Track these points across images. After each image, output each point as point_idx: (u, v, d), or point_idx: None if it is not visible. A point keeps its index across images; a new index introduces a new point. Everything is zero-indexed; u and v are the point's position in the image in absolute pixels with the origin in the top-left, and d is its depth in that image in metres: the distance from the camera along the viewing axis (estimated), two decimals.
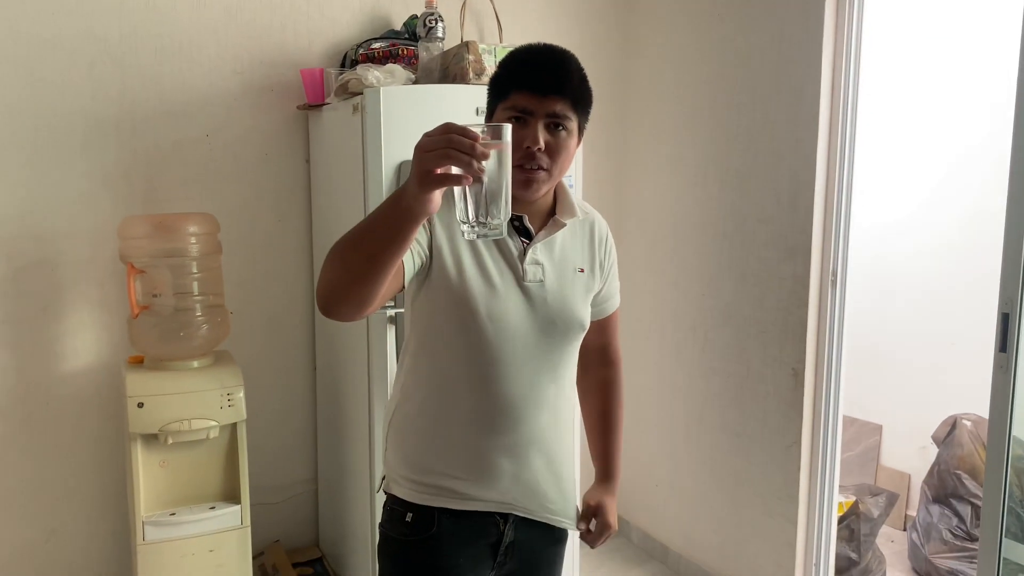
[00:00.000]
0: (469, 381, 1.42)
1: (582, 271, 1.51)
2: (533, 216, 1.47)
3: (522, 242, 1.44)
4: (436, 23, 2.59)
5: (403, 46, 2.63)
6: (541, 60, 1.39)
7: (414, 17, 2.71)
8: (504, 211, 1.10)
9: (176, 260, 2.41)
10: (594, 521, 1.66)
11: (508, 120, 1.35)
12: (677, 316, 3.20)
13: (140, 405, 2.26)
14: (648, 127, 3.32)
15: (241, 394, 2.38)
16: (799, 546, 2.75)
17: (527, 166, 1.36)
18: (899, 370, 3.78)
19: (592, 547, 1.68)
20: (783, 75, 2.67)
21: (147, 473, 2.33)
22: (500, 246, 1.42)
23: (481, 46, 2.39)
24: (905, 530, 3.60)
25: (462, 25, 2.94)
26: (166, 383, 2.33)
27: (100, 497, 2.68)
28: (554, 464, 1.52)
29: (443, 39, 2.61)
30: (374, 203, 2.30)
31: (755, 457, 2.87)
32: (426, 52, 2.55)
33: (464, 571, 1.48)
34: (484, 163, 1.03)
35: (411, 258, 1.33)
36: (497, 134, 1.06)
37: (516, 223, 1.44)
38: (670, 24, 3.17)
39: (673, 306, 3.22)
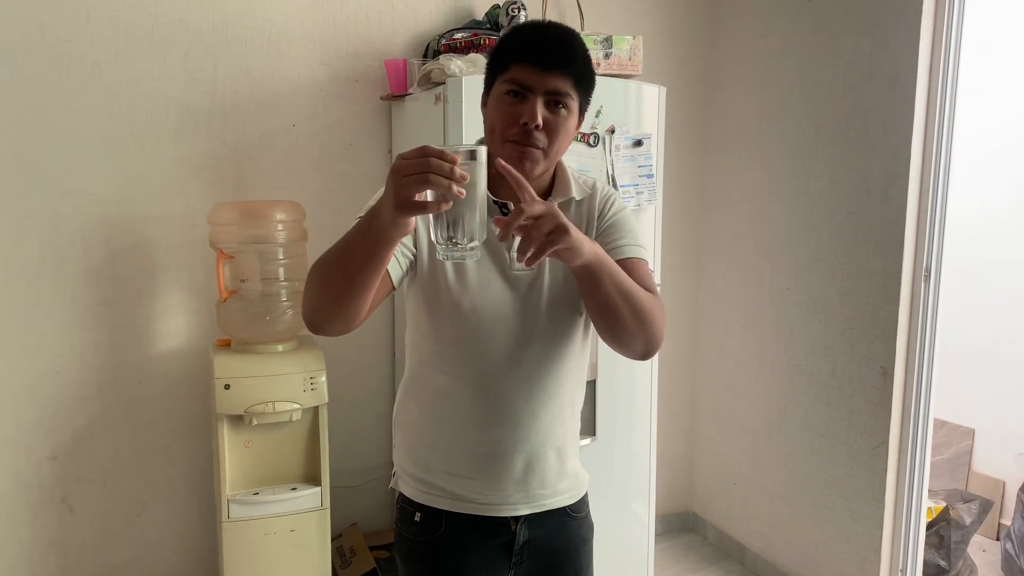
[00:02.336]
0: (461, 379, 1.37)
1: None
2: None
3: None
4: (519, 12, 2.58)
5: (485, 36, 2.63)
6: (544, 34, 1.32)
7: (496, 7, 2.71)
8: (480, 233, 1.08)
9: (263, 246, 2.46)
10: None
11: (506, 95, 1.30)
12: (761, 311, 3.12)
13: (227, 387, 2.32)
14: (733, 116, 3.24)
15: (323, 378, 2.42)
16: (885, 551, 2.65)
17: (522, 143, 1.29)
18: (994, 371, 3.61)
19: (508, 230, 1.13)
20: (876, 61, 2.57)
21: (232, 453, 2.40)
22: (486, 235, 1.34)
23: None
24: (998, 539, 3.45)
25: (544, 14, 2.93)
26: (252, 366, 2.39)
27: (189, 474, 2.77)
28: (563, 456, 1.45)
29: None
30: None
31: (839, 458, 2.79)
32: None
33: (477, 572, 1.42)
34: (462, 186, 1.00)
35: (395, 261, 1.30)
36: (472, 156, 1.04)
37: (504, 211, 1.35)
38: (758, 11, 3.09)
39: (757, 301, 3.14)
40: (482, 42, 2.62)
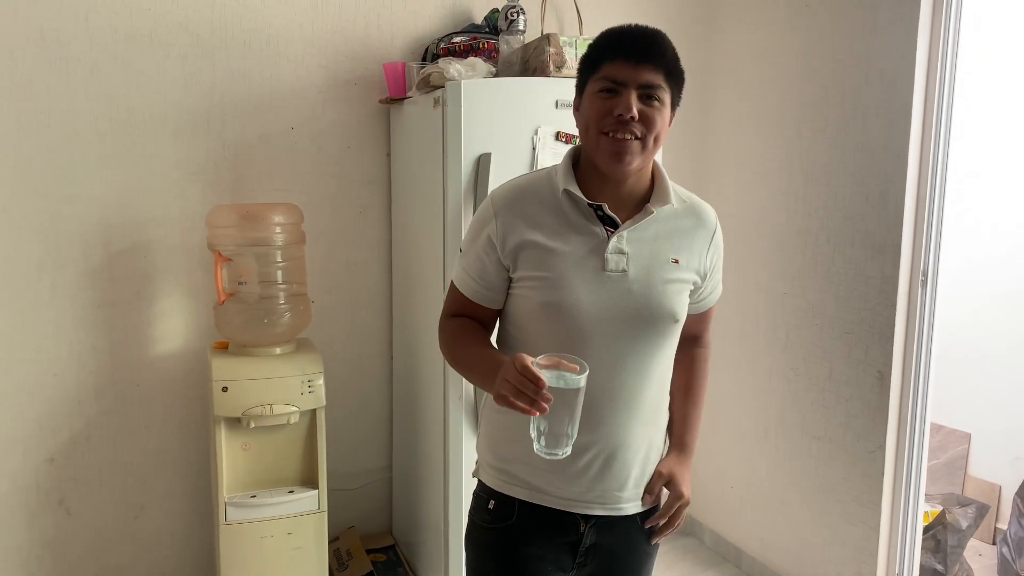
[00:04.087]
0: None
1: (676, 262, 1.42)
2: (622, 201, 1.41)
3: (606, 231, 1.38)
4: (517, 16, 2.59)
5: (484, 39, 2.64)
6: (633, 31, 1.38)
7: (495, 10, 2.72)
8: (565, 443, 1.24)
9: (261, 249, 2.47)
10: (664, 493, 1.50)
11: (599, 92, 1.33)
12: (758, 315, 3.13)
13: (224, 389, 2.33)
14: (731, 120, 3.25)
15: (321, 381, 2.42)
16: (881, 554, 2.66)
17: (619, 135, 1.31)
18: (991, 376, 3.62)
19: (659, 528, 1.50)
20: (874, 66, 2.58)
21: (230, 455, 2.40)
22: (581, 236, 1.38)
23: (562, 39, 2.38)
24: (994, 544, 3.45)
25: (543, 18, 2.94)
26: (250, 368, 2.40)
27: (186, 477, 2.77)
28: (642, 460, 1.46)
29: (524, 32, 2.61)
30: (453, 197, 2.31)
31: (836, 462, 2.79)
32: (507, 45, 2.55)
33: (541, 565, 1.45)
34: (549, 404, 1.18)
35: (494, 299, 1.44)
36: (566, 381, 1.21)
37: (599, 213, 1.39)
38: (756, 15, 3.10)
39: (754, 305, 3.15)
40: (481, 46, 2.63)
